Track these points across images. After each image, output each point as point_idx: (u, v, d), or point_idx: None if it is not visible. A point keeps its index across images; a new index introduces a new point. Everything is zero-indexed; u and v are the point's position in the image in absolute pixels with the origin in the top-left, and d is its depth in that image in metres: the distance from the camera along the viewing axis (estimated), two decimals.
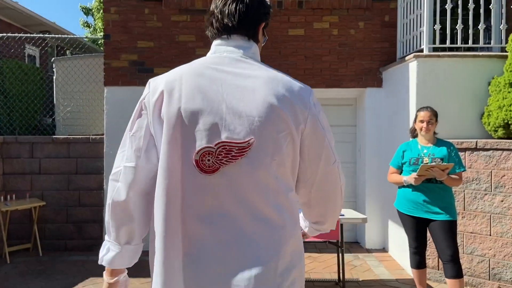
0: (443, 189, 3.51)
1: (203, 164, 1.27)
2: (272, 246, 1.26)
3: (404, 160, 3.66)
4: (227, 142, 1.26)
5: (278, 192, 1.29)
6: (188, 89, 1.29)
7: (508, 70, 4.28)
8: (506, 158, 4.08)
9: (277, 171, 1.28)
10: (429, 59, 4.58)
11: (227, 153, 1.26)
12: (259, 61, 1.42)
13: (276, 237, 1.27)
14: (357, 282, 4.40)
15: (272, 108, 1.27)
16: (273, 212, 1.27)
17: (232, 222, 1.26)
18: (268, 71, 1.36)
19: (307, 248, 5.59)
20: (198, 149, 1.27)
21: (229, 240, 1.26)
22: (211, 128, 1.26)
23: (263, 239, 1.26)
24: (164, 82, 1.34)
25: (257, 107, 1.27)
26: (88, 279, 4.49)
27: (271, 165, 1.27)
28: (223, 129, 1.26)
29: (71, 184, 5.60)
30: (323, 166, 1.37)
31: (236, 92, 1.28)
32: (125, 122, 6.18)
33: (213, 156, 1.26)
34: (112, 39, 5.64)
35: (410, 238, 3.69)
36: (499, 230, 4.11)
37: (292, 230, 1.31)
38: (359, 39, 5.65)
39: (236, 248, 1.25)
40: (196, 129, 1.27)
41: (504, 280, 4.08)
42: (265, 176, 1.27)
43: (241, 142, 1.25)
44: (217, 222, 1.27)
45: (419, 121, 3.63)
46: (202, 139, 1.26)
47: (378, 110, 5.61)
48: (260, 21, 1.44)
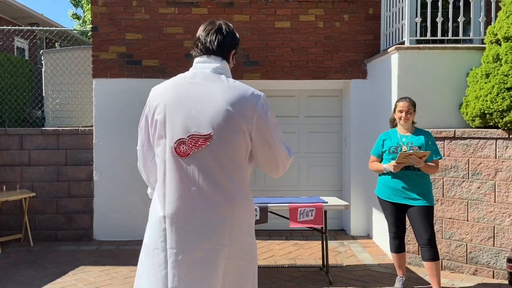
0: (421, 176, 3.66)
1: (179, 150, 1.81)
2: (228, 203, 1.81)
3: (384, 149, 3.80)
4: (195, 135, 1.79)
5: (231, 168, 1.82)
6: (170, 97, 1.85)
7: (485, 61, 4.42)
8: (483, 147, 4.24)
9: (230, 154, 1.81)
10: (410, 51, 4.71)
11: (195, 142, 1.79)
12: (228, 74, 1.92)
13: (230, 198, 1.81)
14: (340, 267, 4.55)
15: (227, 112, 1.78)
16: (227, 181, 1.81)
17: (199, 189, 1.80)
18: (230, 82, 1.86)
19: (294, 236, 5.76)
20: (175, 139, 1.80)
21: (197, 202, 1.80)
22: (185, 125, 1.79)
23: (221, 199, 1.80)
24: (159, 93, 1.91)
25: (217, 110, 1.78)
26: (79, 267, 4.59)
27: (226, 150, 1.80)
28: (193, 126, 1.79)
29: (61, 175, 5.67)
30: (268, 150, 1.89)
31: (203, 99, 1.81)
32: (114, 113, 6.31)
33: (185, 145, 1.80)
34: (100, 31, 5.69)
35: (390, 224, 3.83)
36: (475, 216, 4.27)
37: (240, 193, 1.85)
38: (344, 32, 5.76)
39: (203, 207, 1.80)
40: (175, 126, 1.80)
41: (481, 264, 4.26)
42: (221, 158, 1.80)
43: (205, 135, 1.78)
44: (189, 191, 1.80)
45: (398, 111, 3.76)
46: (178, 133, 1.80)
47: (363, 101, 5.74)
48: (232, 48, 1.98)
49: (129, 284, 4.10)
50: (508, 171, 4.11)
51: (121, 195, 5.64)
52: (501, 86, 4.06)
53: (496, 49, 4.30)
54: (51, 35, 10.45)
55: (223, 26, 1.96)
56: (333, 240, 5.59)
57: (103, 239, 5.66)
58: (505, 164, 4.13)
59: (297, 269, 4.50)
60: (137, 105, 5.65)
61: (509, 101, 3.99)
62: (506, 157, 4.12)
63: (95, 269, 4.53)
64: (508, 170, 4.11)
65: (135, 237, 5.64)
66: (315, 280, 4.17)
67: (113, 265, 4.65)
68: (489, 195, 4.20)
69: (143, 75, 5.69)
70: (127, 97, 5.66)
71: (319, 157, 6.16)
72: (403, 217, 3.80)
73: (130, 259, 4.86)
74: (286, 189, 6.08)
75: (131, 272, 4.42)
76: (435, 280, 3.60)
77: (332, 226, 6.09)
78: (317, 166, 6.16)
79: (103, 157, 5.65)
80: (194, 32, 5.76)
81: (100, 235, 5.68)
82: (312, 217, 4.06)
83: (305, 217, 4.06)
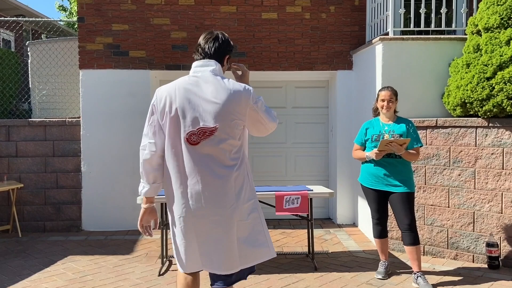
0: (402, 164, 3.76)
1: (190, 140, 2.27)
2: (230, 175, 2.30)
3: (367, 137, 3.89)
4: (203, 128, 2.26)
5: (231, 151, 2.32)
6: (180, 97, 2.29)
7: (466, 51, 4.52)
8: (463, 135, 4.35)
9: (230, 141, 2.30)
10: (394, 42, 4.79)
11: (203, 133, 2.27)
12: (222, 75, 2.37)
13: (231, 172, 2.30)
14: (326, 254, 4.66)
15: (227, 107, 2.26)
16: (229, 161, 2.31)
17: (209, 170, 2.28)
18: (225, 83, 2.29)
19: (282, 225, 5.85)
20: (187, 131, 2.27)
21: (209, 180, 2.28)
22: (193, 120, 2.26)
23: (225, 173, 2.29)
24: (166, 92, 2.33)
25: (219, 108, 2.26)
26: (67, 257, 4.63)
27: (227, 139, 2.29)
28: (200, 120, 2.26)
29: (49, 166, 5.68)
30: (259, 125, 2.42)
31: (208, 98, 2.27)
32: (101, 104, 6.32)
33: (195, 135, 2.27)
34: (86, 22, 5.67)
35: (373, 210, 3.94)
36: (456, 202, 4.40)
37: (239, 167, 2.34)
38: (330, 23, 5.82)
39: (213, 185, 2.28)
40: (186, 120, 2.27)
41: (461, 248, 4.39)
42: (223, 144, 2.29)
43: (211, 127, 2.26)
44: (201, 169, 2.28)
45: (380, 100, 3.84)
46: (189, 126, 2.26)
47: (349, 92, 5.83)
48: (226, 53, 2.43)
49: (118, 272, 4.16)
50: (487, 158, 4.23)
51: (109, 186, 5.67)
52: (481, 75, 4.16)
53: (477, 40, 4.40)
54: (37, 27, 10.35)
55: (219, 35, 2.40)
56: (320, 228, 5.69)
57: (91, 230, 5.69)
58: (484, 151, 4.25)
59: (284, 256, 4.59)
60: (125, 96, 5.69)
61: (489, 90, 4.10)
62: (486, 145, 4.24)
63: (84, 259, 4.57)
64: (487, 158, 4.23)
65: (123, 227, 5.69)
66: (301, 266, 4.27)
67: (102, 255, 4.69)
68: (469, 182, 4.32)
69: (130, 66, 5.70)
70: (115, 88, 5.67)
71: (306, 147, 6.24)
72: (385, 203, 3.90)
73: (119, 248, 4.90)
74: (273, 179, 6.16)
75: (120, 261, 4.47)
76: (415, 263, 3.72)
77: (319, 215, 6.20)
78: (304, 157, 6.25)
79: (90, 148, 5.66)
80: (181, 23, 5.82)
81: (89, 226, 5.71)
82: (297, 204, 4.15)
83: (291, 204, 4.14)
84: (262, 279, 3.94)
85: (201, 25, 5.71)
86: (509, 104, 4.01)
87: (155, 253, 4.72)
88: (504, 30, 4.20)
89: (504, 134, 4.15)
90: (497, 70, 4.10)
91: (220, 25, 5.72)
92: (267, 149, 6.22)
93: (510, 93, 3.98)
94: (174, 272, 4.13)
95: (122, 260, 4.52)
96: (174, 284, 3.84)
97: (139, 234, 5.47)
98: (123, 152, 5.68)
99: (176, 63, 5.67)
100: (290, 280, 3.91)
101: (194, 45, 5.75)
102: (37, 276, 4.06)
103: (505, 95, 4.01)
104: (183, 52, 5.66)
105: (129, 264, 4.37)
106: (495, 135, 4.19)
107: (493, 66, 4.11)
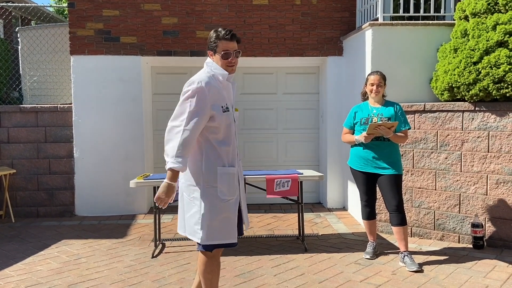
0: (390, 146, 3.84)
1: None
2: None
3: (356, 120, 3.96)
4: None
5: None
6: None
7: (454, 37, 4.59)
8: (450, 119, 4.44)
9: None
10: (383, 27, 4.85)
11: None
12: (207, 66, 2.66)
13: None
14: (316, 236, 4.76)
15: None
16: None
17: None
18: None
19: (273, 210, 5.94)
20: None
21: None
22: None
23: None
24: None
25: None
26: (61, 241, 4.68)
27: None
28: None
29: (41, 152, 5.69)
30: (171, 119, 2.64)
31: None
32: (93, 90, 6.34)
33: None
34: (76, 8, 5.65)
35: (361, 192, 4.03)
36: (443, 185, 4.50)
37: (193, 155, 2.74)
38: (320, 9, 5.85)
39: None
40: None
41: (447, 230, 4.51)
42: None
43: None
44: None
45: (369, 84, 3.91)
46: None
47: (339, 77, 5.89)
48: (208, 49, 2.67)
49: (112, 255, 4.22)
50: (473, 142, 4.33)
51: (102, 171, 5.71)
52: (468, 60, 4.24)
53: (464, 25, 4.47)
54: (26, 13, 10.23)
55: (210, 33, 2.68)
56: (310, 212, 5.79)
57: (85, 215, 5.74)
58: (470, 135, 4.34)
59: (275, 239, 4.68)
60: (116, 82, 5.70)
61: (475, 74, 4.18)
62: (472, 128, 4.33)
63: (77, 242, 4.63)
64: (473, 141, 4.33)
65: (116, 212, 5.74)
66: (292, 248, 4.36)
67: (96, 238, 4.75)
68: (456, 165, 4.43)
69: (122, 52, 5.69)
70: (106, 74, 5.67)
71: (297, 133, 6.31)
72: (373, 186, 3.99)
73: (112, 232, 4.96)
74: (264, 164, 6.24)
75: (114, 244, 4.54)
76: (402, 243, 3.83)
77: (310, 200, 6.29)
78: (294, 142, 6.32)
79: (83, 134, 5.68)
80: (172, 9, 5.81)
81: (82, 211, 5.75)
82: (288, 187, 4.23)
83: (281, 187, 4.22)
84: (253, 260, 4.03)
85: (192, 11, 5.71)
86: (494, 88, 4.09)
87: (148, 236, 4.79)
88: (491, 15, 4.27)
89: (490, 117, 4.24)
90: (484, 54, 4.17)
91: (211, 10, 5.72)
92: (259, 135, 6.28)
93: (496, 78, 4.07)
94: (168, 254, 4.21)
95: (116, 243, 4.58)
96: (167, 266, 3.92)
97: (132, 219, 5.54)
98: (115, 138, 5.71)
99: (168, 49, 5.67)
100: (281, 261, 4.01)
101: (185, 31, 5.80)
102: (31, 259, 4.12)
103: (491, 80, 4.09)
104: (174, 38, 5.66)
105: (122, 247, 4.44)
106: (481, 119, 4.28)
107: (479, 51, 4.18)
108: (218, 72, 2.62)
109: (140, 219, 5.54)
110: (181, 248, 4.39)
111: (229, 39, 2.58)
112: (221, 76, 2.62)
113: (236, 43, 2.63)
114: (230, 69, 2.64)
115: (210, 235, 2.59)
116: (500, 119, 4.18)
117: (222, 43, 2.57)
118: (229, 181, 2.65)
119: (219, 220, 2.61)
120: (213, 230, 2.59)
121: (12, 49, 7.57)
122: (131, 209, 5.75)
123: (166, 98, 6.09)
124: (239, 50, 2.65)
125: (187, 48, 5.66)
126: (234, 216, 2.67)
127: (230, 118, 2.66)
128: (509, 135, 4.15)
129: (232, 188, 2.66)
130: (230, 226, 2.64)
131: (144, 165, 5.75)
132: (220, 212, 2.61)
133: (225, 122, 2.62)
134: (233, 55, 2.60)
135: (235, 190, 2.68)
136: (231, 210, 2.66)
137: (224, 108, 2.61)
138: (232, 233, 2.65)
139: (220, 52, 2.59)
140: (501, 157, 4.19)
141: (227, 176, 2.64)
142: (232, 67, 2.63)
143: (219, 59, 2.60)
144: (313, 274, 3.69)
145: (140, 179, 4.18)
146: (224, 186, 2.62)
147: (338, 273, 3.69)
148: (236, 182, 2.69)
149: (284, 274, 3.69)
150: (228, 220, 2.63)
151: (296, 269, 3.80)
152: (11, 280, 3.62)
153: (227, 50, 2.58)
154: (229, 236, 2.63)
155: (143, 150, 5.76)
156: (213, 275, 2.67)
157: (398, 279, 3.55)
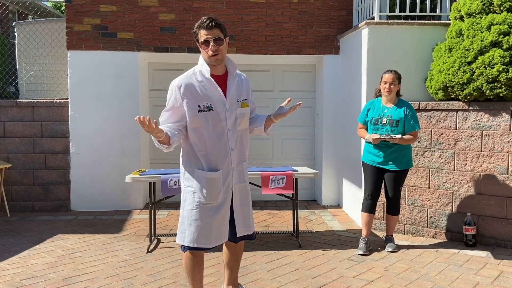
0: (399, 144, 4.05)
1: None
2: None
3: (367, 119, 4.17)
4: None
5: None
6: None
7: (449, 36, 4.63)
8: (444, 118, 4.49)
9: None
10: (380, 26, 4.88)
11: None
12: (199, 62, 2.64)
13: None
14: (310, 233, 4.79)
15: None
16: None
17: None
18: None
19: (268, 206, 5.97)
20: None
21: None
22: None
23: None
24: None
25: None
26: (57, 235, 4.69)
27: None
28: None
29: (37, 147, 5.70)
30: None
31: None
32: (90, 86, 6.37)
33: None
34: (74, 2, 5.65)
35: (367, 184, 4.18)
36: (436, 183, 4.55)
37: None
38: (318, 7, 5.88)
39: None
40: None
41: (440, 227, 4.56)
42: None
43: None
44: None
45: (383, 82, 4.04)
46: None
47: (336, 76, 5.92)
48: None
49: (107, 249, 4.24)
50: (466, 140, 4.37)
51: (98, 166, 5.72)
52: (462, 60, 4.28)
53: (459, 25, 4.51)
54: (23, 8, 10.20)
55: None
56: (305, 209, 5.83)
57: (80, 210, 5.75)
58: (464, 134, 4.39)
59: (270, 235, 4.72)
60: (113, 77, 5.71)
61: (469, 74, 4.22)
62: (465, 127, 4.38)
63: (73, 237, 4.64)
64: (466, 140, 4.37)
65: (112, 208, 5.76)
66: (286, 244, 4.40)
67: (91, 233, 4.77)
68: (449, 164, 4.47)
69: (119, 47, 5.70)
70: (103, 70, 5.68)
71: (293, 131, 6.34)
72: (380, 181, 4.17)
73: (108, 227, 4.98)
74: (260, 161, 6.27)
75: (109, 239, 4.56)
76: (390, 228, 4.28)
77: (305, 197, 6.33)
78: (290, 140, 6.36)
79: (79, 129, 5.69)
80: (169, 5, 5.81)
81: (78, 206, 5.77)
82: (283, 184, 4.26)
83: (277, 184, 4.26)
84: (247, 255, 4.07)
85: (189, 7, 5.72)
86: (488, 88, 4.14)
87: (144, 232, 4.81)
88: (486, 15, 4.31)
89: (483, 117, 4.28)
90: (478, 54, 4.21)
91: (208, 7, 5.74)
92: None
93: (489, 78, 4.11)
94: (163, 250, 4.24)
95: (111, 238, 4.60)
96: (162, 261, 3.94)
97: (128, 214, 5.56)
98: (111, 133, 5.72)
99: (165, 45, 5.68)
100: (275, 257, 4.04)
101: (182, 27, 5.81)
102: (26, 253, 4.13)
103: (485, 79, 4.13)
104: (171, 34, 5.67)
105: (118, 242, 4.46)
106: (475, 118, 4.33)
107: (474, 50, 4.22)
108: (203, 68, 2.53)
109: (135, 214, 5.56)
110: (176, 244, 4.42)
111: (209, 27, 2.43)
112: (206, 71, 2.52)
113: (219, 31, 2.46)
114: (214, 58, 2.47)
115: (181, 236, 2.61)
116: (493, 119, 4.23)
117: (201, 32, 2.46)
118: (208, 186, 2.52)
119: (192, 223, 2.56)
120: (185, 232, 2.59)
121: (8, 44, 7.56)
122: (127, 205, 5.77)
123: (162, 94, 6.09)
124: (220, 37, 2.45)
125: (184, 45, 5.67)
126: (212, 222, 2.55)
127: (214, 118, 2.50)
128: (502, 135, 4.20)
129: (213, 193, 2.53)
130: (206, 231, 2.54)
131: (140, 160, 5.76)
132: (194, 216, 2.55)
133: (201, 123, 2.49)
134: (212, 43, 2.43)
135: (216, 195, 2.55)
136: (208, 215, 2.55)
137: (202, 108, 2.47)
138: (208, 237, 2.55)
139: (200, 41, 2.49)
140: (494, 156, 4.24)
141: (205, 180, 2.52)
142: (215, 56, 2.46)
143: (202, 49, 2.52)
144: (306, 269, 3.73)
145: (136, 175, 4.20)
146: (202, 190, 2.53)
147: (331, 269, 3.73)
148: (220, 187, 2.56)
149: (278, 270, 3.72)
150: (202, 225, 2.55)
151: (290, 265, 3.83)
152: (6, 273, 3.64)
153: (207, 38, 2.44)
154: (202, 241, 2.55)
155: (139, 145, 5.77)
156: (194, 274, 2.66)
157: (390, 275, 3.59)
